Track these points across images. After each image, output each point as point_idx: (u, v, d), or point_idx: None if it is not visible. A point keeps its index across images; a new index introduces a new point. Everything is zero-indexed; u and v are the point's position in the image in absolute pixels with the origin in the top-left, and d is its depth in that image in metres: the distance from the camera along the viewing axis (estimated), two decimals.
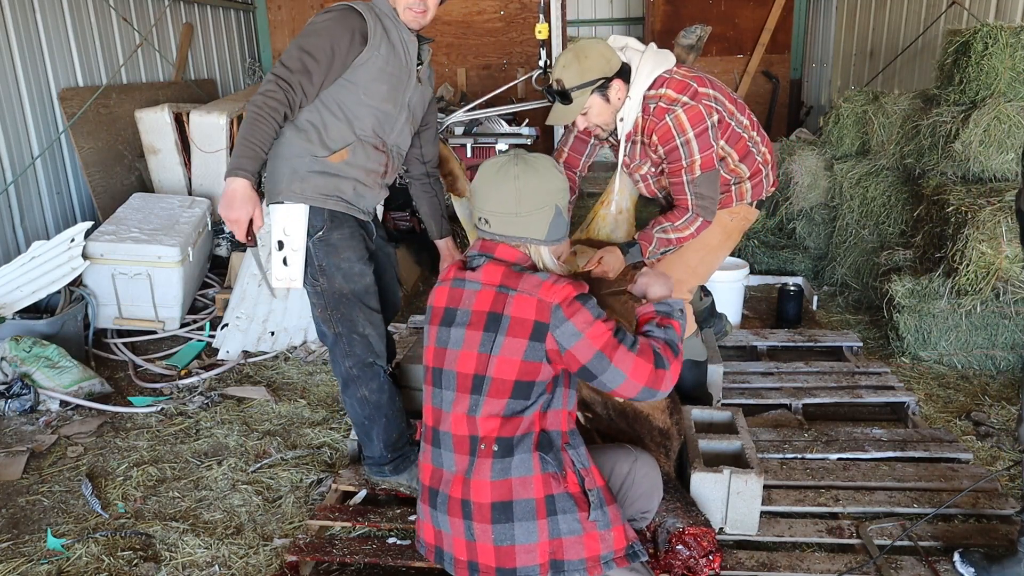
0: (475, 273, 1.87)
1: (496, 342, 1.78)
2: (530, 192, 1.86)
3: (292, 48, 2.30)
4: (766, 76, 8.73)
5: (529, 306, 1.77)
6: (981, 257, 3.59)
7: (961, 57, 4.17)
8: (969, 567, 2.27)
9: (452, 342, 1.86)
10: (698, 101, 2.52)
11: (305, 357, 4.13)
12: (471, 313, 1.84)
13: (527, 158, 1.90)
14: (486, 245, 1.91)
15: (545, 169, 1.90)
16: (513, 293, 1.79)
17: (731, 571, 2.33)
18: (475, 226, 1.96)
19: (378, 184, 2.53)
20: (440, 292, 1.94)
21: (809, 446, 2.97)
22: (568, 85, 2.47)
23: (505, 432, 1.80)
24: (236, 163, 2.19)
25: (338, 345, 2.51)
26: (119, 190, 5.51)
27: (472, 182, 1.95)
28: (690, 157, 2.55)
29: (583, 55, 2.46)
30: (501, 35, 8.43)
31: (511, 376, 1.78)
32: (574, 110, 2.52)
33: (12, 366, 3.62)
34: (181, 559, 2.54)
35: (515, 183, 1.85)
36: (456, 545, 1.86)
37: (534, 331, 1.76)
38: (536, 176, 1.87)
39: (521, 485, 1.78)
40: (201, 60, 7.30)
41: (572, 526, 1.79)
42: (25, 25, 4.88)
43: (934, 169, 4.25)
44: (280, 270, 2.44)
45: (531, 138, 6.35)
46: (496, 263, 1.87)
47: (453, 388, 1.85)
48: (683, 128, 2.51)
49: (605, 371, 1.77)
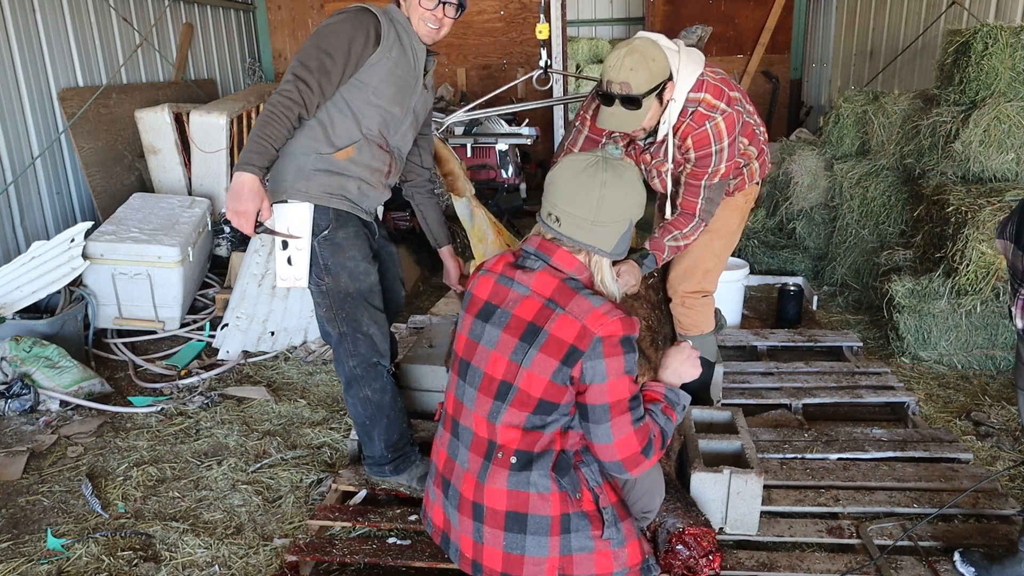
0: (526, 276, 1.80)
1: (528, 355, 1.74)
2: (613, 202, 1.77)
3: (310, 47, 2.29)
4: (766, 76, 8.73)
5: (572, 329, 1.71)
6: (981, 257, 3.59)
7: (961, 57, 4.17)
8: (969, 567, 2.27)
9: (486, 340, 1.83)
10: (732, 107, 2.50)
11: (305, 357, 4.13)
12: (512, 317, 1.79)
13: (616, 166, 1.81)
14: (545, 245, 1.82)
15: (632, 182, 1.81)
16: (560, 312, 1.73)
17: (731, 571, 2.33)
18: (539, 217, 1.87)
19: (382, 184, 2.53)
20: (484, 282, 1.89)
21: (809, 446, 2.97)
22: (637, 91, 2.31)
23: (524, 445, 1.78)
24: (246, 158, 2.19)
25: (342, 345, 2.51)
26: (119, 190, 5.51)
27: (551, 174, 1.85)
28: (718, 165, 2.55)
29: (650, 57, 2.31)
30: (501, 35, 8.44)
31: (537, 393, 1.74)
32: (641, 116, 2.38)
33: (12, 366, 3.62)
34: (181, 559, 2.54)
35: (600, 190, 1.76)
36: (463, 541, 1.86)
37: (567, 355, 1.71)
38: (622, 187, 1.79)
39: (539, 500, 1.77)
40: (201, 60, 7.30)
41: (584, 543, 1.78)
42: (25, 25, 4.88)
43: (934, 169, 4.25)
44: (284, 269, 2.43)
45: (531, 138, 6.35)
46: (551, 272, 1.79)
47: (476, 387, 1.83)
48: (720, 136, 2.49)
49: (600, 424, 1.73)
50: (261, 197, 2.21)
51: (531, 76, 3.90)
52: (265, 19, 8.65)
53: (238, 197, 2.18)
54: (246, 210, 2.19)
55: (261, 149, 2.20)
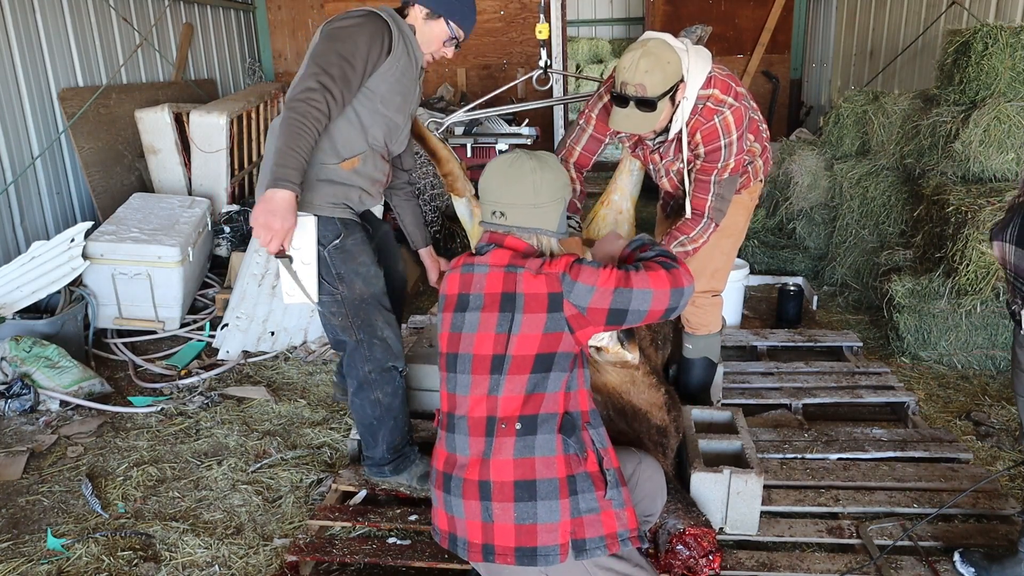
0: (483, 257, 1.92)
1: (515, 320, 1.82)
2: (547, 184, 1.91)
3: (329, 52, 2.22)
4: (766, 76, 8.73)
5: (539, 282, 1.83)
6: (981, 257, 3.59)
7: (961, 57, 4.17)
8: (969, 567, 2.27)
9: (467, 326, 1.89)
10: (739, 102, 2.52)
11: (305, 357, 4.13)
12: (484, 296, 1.88)
13: (536, 154, 1.96)
14: (494, 237, 1.95)
15: (555, 164, 1.97)
16: (521, 270, 1.85)
17: (731, 571, 2.33)
18: (484, 221, 1.97)
19: (379, 193, 2.54)
20: (451, 279, 1.97)
21: (809, 446, 2.97)
22: (652, 93, 2.32)
23: (528, 410, 1.82)
24: (283, 174, 2.09)
25: (358, 351, 2.49)
26: (119, 190, 5.51)
27: (483, 179, 1.97)
28: (728, 159, 2.56)
29: (664, 59, 2.32)
30: (501, 35, 8.44)
31: (532, 351, 1.81)
32: (655, 118, 2.40)
33: (12, 366, 3.62)
34: (181, 559, 2.54)
35: (532, 176, 1.90)
36: (471, 529, 1.86)
37: (550, 303, 1.81)
38: (550, 170, 1.93)
39: (544, 465, 1.80)
40: (201, 60, 7.30)
41: (591, 505, 1.81)
42: (25, 25, 4.88)
43: (934, 169, 4.25)
44: (290, 285, 2.33)
45: (531, 138, 6.35)
46: (504, 250, 1.91)
47: (469, 371, 1.87)
48: (729, 130, 2.50)
49: (631, 300, 1.81)
50: (295, 217, 2.15)
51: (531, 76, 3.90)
52: (265, 19, 8.65)
53: (274, 214, 2.08)
54: (281, 229, 2.11)
55: (296, 164, 2.11)
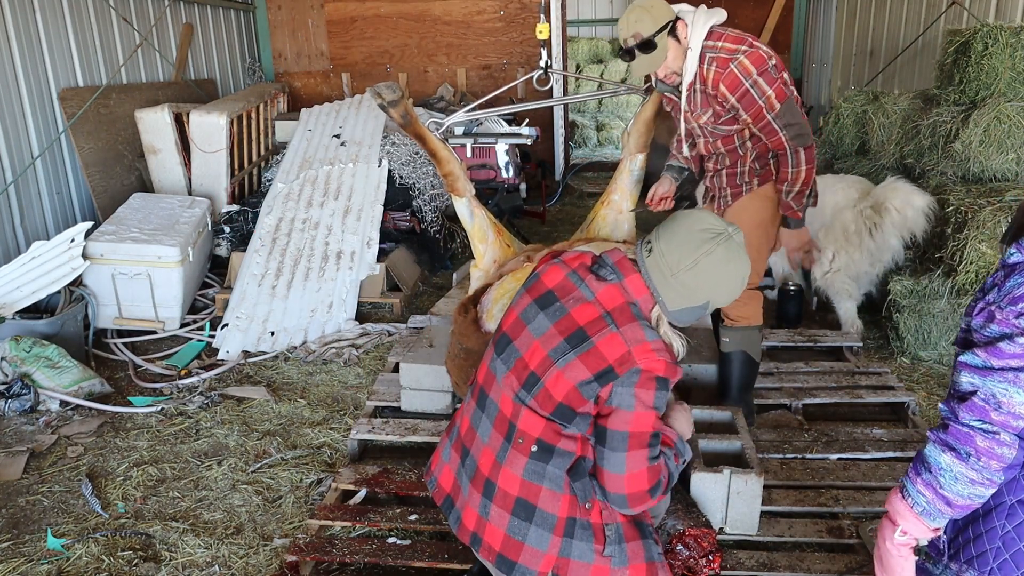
0: (596, 284, 1.79)
1: (566, 357, 1.73)
2: (702, 272, 1.73)
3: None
4: None
5: (617, 350, 1.69)
6: (981, 257, 3.59)
7: (961, 57, 4.17)
8: None
9: (534, 326, 1.82)
10: (755, 49, 2.65)
11: (305, 357, 4.13)
12: (566, 315, 1.78)
13: (732, 248, 1.75)
14: (624, 264, 1.80)
15: (733, 271, 1.76)
16: (613, 329, 1.72)
17: (731, 571, 2.33)
18: (636, 242, 1.86)
19: None
20: (555, 272, 1.87)
21: (809, 446, 2.97)
22: (647, 34, 2.62)
23: (547, 437, 1.77)
24: None
25: None
26: (119, 190, 5.51)
27: (681, 212, 1.82)
28: (763, 95, 2.64)
29: (648, 5, 2.63)
30: (501, 35, 8.43)
31: (559, 396, 1.74)
32: (660, 55, 2.66)
33: (12, 366, 3.62)
34: (181, 559, 2.54)
35: (701, 255, 1.73)
36: (467, 513, 1.86)
37: (603, 372, 1.70)
38: (722, 267, 1.74)
39: (550, 497, 1.77)
40: (201, 60, 7.30)
41: (584, 554, 1.77)
42: (25, 25, 4.88)
43: (934, 169, 4.25)
44: None
45: (531, 138, 6.35)
46: (621, 290, 1.78)
47: (510, 367, 1.83)
48: (748, 71, 2.63)
49: (616, 452, 1.72)
50: None
51: (531, 76, 3.90)
52: (265, 19, 8.63)
53: None
54: None
55: None
